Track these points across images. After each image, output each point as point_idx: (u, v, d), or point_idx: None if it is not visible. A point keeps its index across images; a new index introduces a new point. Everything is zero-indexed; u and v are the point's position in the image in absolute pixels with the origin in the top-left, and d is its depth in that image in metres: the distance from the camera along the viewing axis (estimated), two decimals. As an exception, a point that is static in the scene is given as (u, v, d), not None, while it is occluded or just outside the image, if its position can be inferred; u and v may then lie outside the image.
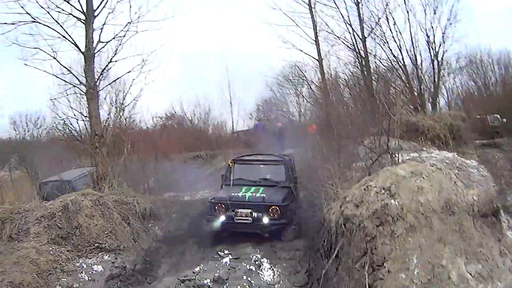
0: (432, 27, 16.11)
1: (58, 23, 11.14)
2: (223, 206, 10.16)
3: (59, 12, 11.10)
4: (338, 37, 15.77)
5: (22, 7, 10.64)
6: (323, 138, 13.55)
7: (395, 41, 15.12)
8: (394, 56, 15.20)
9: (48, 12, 10.93)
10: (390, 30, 15.54)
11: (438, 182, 6.20)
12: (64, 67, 11.61)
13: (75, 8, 11.33)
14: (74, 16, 11.34)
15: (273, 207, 10.03)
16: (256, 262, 9.20)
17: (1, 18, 10.71)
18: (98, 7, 11.67)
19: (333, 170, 9.87)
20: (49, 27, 11.14)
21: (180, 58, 51.31)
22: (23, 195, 11.07)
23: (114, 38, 11.97)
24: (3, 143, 26.37)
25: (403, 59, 15.74)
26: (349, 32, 15.94)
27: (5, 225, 8.74)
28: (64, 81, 11.63)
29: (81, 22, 11.41)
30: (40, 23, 11.01)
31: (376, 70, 15.28)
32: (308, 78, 18.62)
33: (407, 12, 15.89)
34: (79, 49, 11.58)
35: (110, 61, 12.07)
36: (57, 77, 11.42)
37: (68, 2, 11.22)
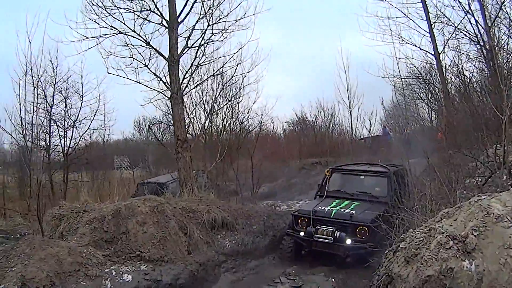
0: None
1: (135, 32, 9.96)
2: (306, 220, 8.06)
3: (143, 19, 9.98)
4: (457, 28, 11.65)
5: (103, 21, 9.77)
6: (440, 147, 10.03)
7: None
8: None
9: (124, 23, 9.86)
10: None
11: None
12: (154, 74, 10.37)
13: (158, 15, 10.05)
14: (157, 24, 10.11)
15: (360, 227, 7.47)
16: (318, 298, 6.65)
17: (90, 33, 9.76)
18: (180, 14, 10.20)
19: (431, 188, 6.73)
20: (134, 37, 10.04)
21: (296, 62, 48.15)
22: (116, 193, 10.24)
23: (191, 46, 10.46)
24: (129, 143, 26.53)
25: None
26: (470, 22, 11.61)
27: (62, 222, 7.76)
28: (148, 87, 10.36)
29: (165, 27, 10.07)
30: (124, 33, 9.96)
31: (505, 64, 10.67)
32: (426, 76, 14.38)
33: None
34: (163, 56, 10.24)
35: (191, 66, 10.58)
36: (140, 83, 10.15)
37: (152, 11, 9.96)
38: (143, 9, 9.96)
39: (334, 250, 7.70)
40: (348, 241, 7.49)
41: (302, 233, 8.02)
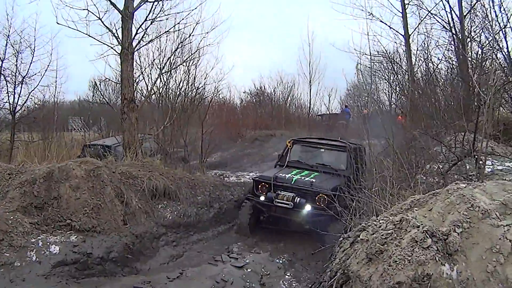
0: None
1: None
2: (266, 185, 7.85)
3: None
4: (431, 13, 11.15)
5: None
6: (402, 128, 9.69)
7: (499, 24, 9.85)
8: (497, 42, 10.03)
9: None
10: (494, 10, 10.36)
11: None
12: (106, 27, 9.11)
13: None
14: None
15: (320, 195, 7.33)
16: (261, 280, 6.03)
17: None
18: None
19: (390, 172, 6.21)
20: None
21: (259, 32, 46.94)
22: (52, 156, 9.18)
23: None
24: (83, 104, 24.54)
25: (507, 46, 10.03)
26: (444, 9, 11.14)
27: (-9, 185, 6.69)
28: (98, 40, 9.11)
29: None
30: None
31: (474, 56, 10.38)
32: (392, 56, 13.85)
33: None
34: (117, 8, 9.02)
35: (146, 20, 9.40)
36: (90, 36, 8.88)
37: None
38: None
39: (293, 216, 7.53)
40: (308, 207, 7.32)
41: (262, 198, 7.82)
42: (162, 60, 11.26)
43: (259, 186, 8.01)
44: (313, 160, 8.77)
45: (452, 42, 11.30)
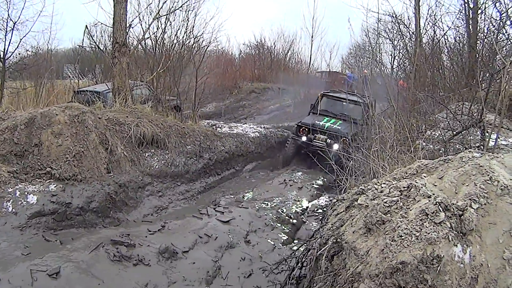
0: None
1: None
2: (306, 129, 10.50)
3: None
4: None
5: None
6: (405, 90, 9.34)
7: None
8: (508, 16, 9.25)
9: None
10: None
11: None
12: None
13: None
14: None
15: (344, 138, 9.69)
16: (246, 237, 5.76)
17: None
18: None
19: (390, 133, 5.83)
20: None
21: None
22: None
23: None
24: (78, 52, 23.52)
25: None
26: None
27: (-29, 132, 6.21)
28: None
29: None
30: None
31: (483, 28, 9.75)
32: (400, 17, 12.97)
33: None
34: None
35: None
36: None
37: None
38: None
39: (325, 151, 9.10)
40: (336, 146, 9.62)
41: (304, 138, 10.45)
42: (159, 4, 10.43)
43: (301, 130, 10.59)
44: (338, 110, 11.10)
45: (463, 11, 10.59)
